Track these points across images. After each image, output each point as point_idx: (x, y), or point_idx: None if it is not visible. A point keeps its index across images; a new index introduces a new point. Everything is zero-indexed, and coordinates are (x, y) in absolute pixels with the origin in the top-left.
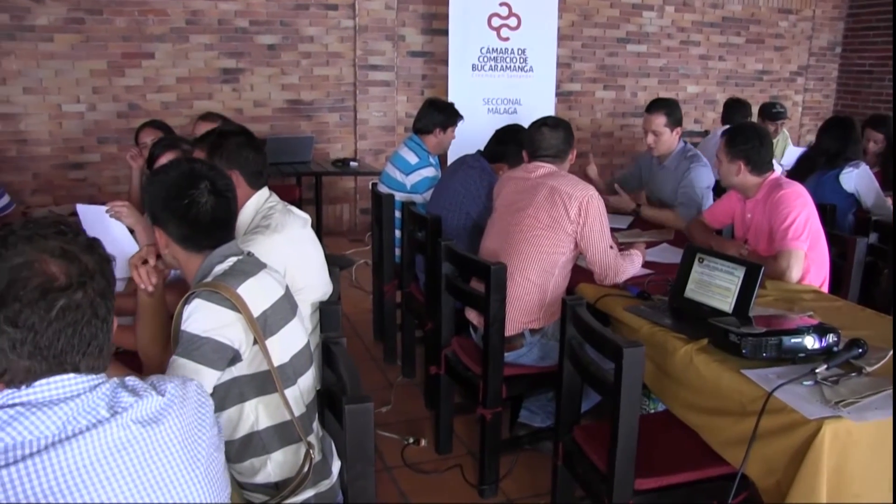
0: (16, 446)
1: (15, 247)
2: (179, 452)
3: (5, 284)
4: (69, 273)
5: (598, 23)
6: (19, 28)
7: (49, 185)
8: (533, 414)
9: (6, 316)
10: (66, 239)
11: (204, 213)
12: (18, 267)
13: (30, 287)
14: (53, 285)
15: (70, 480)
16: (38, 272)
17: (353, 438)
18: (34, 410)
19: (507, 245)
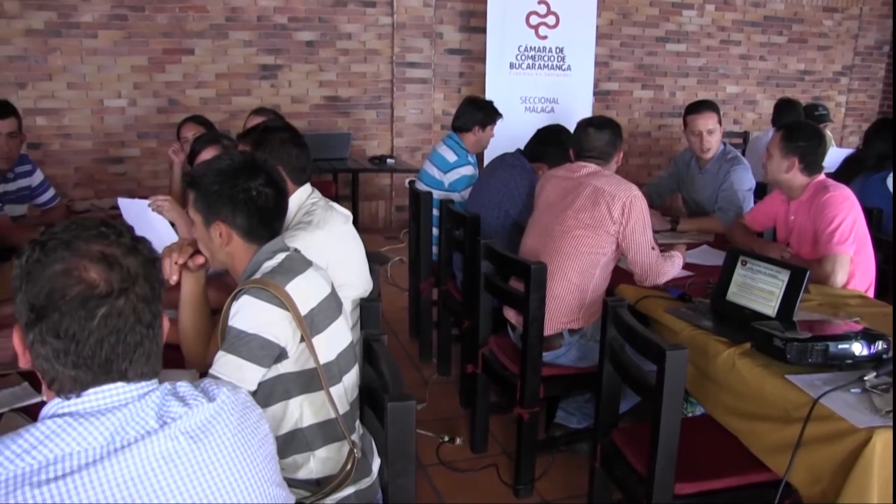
0: (64, 458)
1: (55, 252)
2: (230, 462)
3: (45, 294)
4: (110, 279)
5: (637, 21)
6: (65, 25)
7: (90, 179)
8: (569, 415)
9: (48, 326)
10: (107, 242)
11: (271, 201)
12: (58, 275)
13: (69, 296)
14: (94, 293)
15: (118, 494)
16: (78, 280)
17: (395, 437)
18: (82, 421)
19: (547, 244)
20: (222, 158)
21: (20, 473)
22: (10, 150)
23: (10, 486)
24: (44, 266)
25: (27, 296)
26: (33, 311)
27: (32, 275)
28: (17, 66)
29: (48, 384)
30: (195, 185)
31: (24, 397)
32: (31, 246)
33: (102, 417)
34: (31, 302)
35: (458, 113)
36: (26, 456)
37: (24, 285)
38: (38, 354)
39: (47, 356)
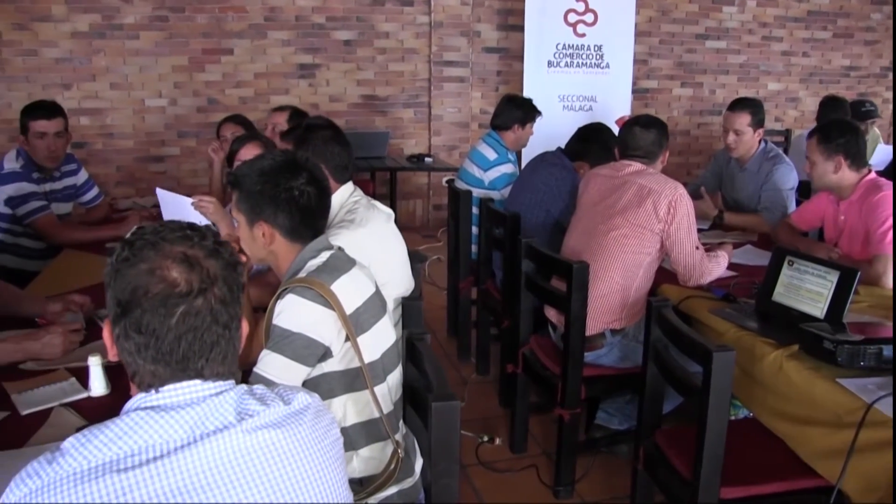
0: (147, 448)
1: (142, 252)
2: (305, 460)
3: (130, 290)
4: (190, 280)
5: (677, 18)
6: (109, 27)
7: (131, 178)
8: (610, 416)
9: (131, 321)
10: (190, 244)
11: (313, 201)
12: (142, 273)
13: (151, 293)
14: (174, 292)
15: (196, 482)
16: (161, 279)
17: (439, 436)
18: (163, 414)
19: (591, 243)
20: (265, 158)
21: (106, 461)
22: (58, 150)
23: (98, 472)
24: (131, 265)
25: (114, 292)
26: (119, 307)
27: (120, 272)
28: (62, 68)
29: (131, 377)
30: (238, 185)
31: (71, 392)
32: (120, 245)
33: (182, 411)
34: (118, 297)
35: (498, 111)
36: (112, 445)
37: (112, 282)
38: (122, 348)
39: (130, 350)
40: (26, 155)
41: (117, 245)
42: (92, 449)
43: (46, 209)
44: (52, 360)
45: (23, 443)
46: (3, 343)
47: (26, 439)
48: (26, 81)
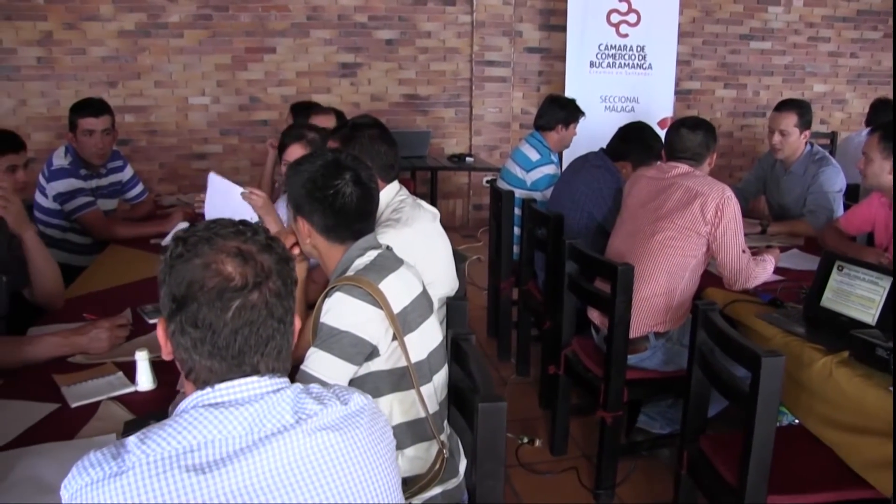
0: (207, 444)
1: (196, 247)
2: (363, 462)
3: (185, 285)
4: (245, 273)
5: (721, 19)
6: (154, 25)
7: (174, 175)
8: (652, 420)
9: (187, 316)
10: (244, 239)
11: (349, 203)
12: (198, 268)
13: (207, 287)
14: (229, 285)
15: (259, 486)
16: (216, 273)
17: (485, 438)
18: (222, 410)
19: (636, 246)
20: (312, 157)
21: (168, 455)
22: (105, 147)
23: (163, 465)
24: (185, 260)
25: (170, 287)
26: (174, 302)
27: (175, 268)
28: (108, 66)
29: (186, 374)
30: (288, 181)
31: (119, 386)
32: (174, 242)
33: (241, 408)
34: (173, 293)
35: (541, 111)
36: (171, 440)
37: (167, 278)
38: (178, 344)
39: (186, 346)
40: (74, 152)
41: (170, 242)
42: (153, 445)
43: (93, 205)
44: (99, 354)
45: (73, 434)
46: (53, 337)
47: (76, 431)
48: (74, 79)
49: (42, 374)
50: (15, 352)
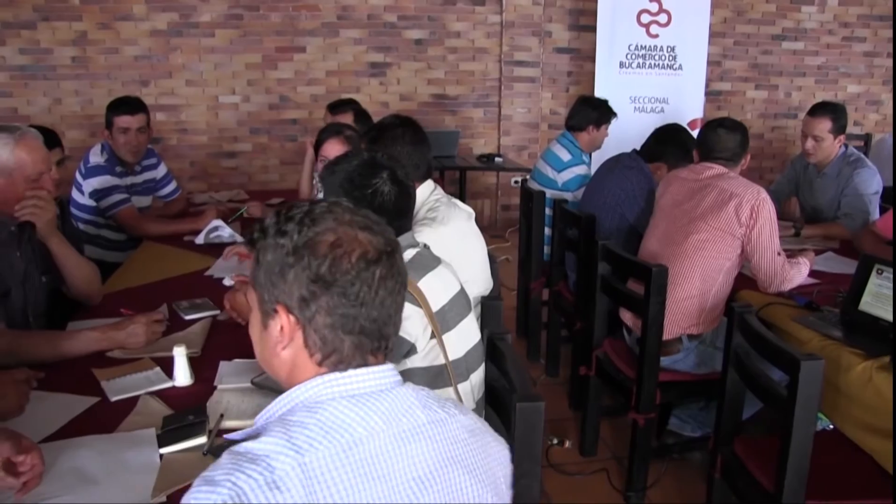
0: (357, 441)
1: (323, 221)
2: (497, 469)
3: (329, 262)
4: (376, 244)
5: (752, 19)
6: (185, 25)
7: (204, 173)
8: (683, 422)
9: (338, 292)
10: (355, 214)
11: (387, 201)
12: (335, 244)
13: (353, 259)
14: (369, 256)
15: (412, 491)
16: (354, 244)
17: (522, 438)
18: (361, 404)
19: (669, 247)
20: (348, 157)
21: (329, 454)
22: (139, 144)
23: (330, 466)
24: (315, 240)
25: (307, 270)
26: (316, 282)
27: (308, 247)
28: (141, 65)
29: (323, 358)
30: (323, 182)
31: (157, 381)
32: (286, 223)
33: (377, 401)
34: (315, 273)
35: (573, 112)
36: (323, 440)
37: (299, 261)
38: (318, 327)
39: (333, 325)
40: (110, 149)
41: (274, 225)
42: (306, 446)
43: (128, 202)
44: (136, 349)
45: (113, 428)
46: (91, 332)
47: (116, 424)
48: (107, 78)
49: (81, 368)
50: (55, 346)
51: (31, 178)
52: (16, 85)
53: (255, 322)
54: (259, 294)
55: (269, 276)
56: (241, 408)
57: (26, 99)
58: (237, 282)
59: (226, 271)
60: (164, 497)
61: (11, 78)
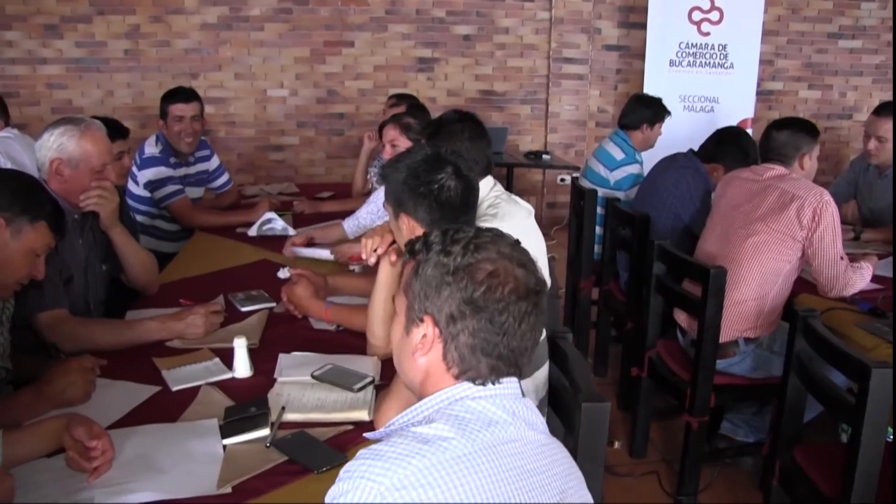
0: (507, 441)
1: (486, 250)
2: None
3: (483, 290)
4: (528, 281)
5: (808, 17)
6: (235, 18)
7: (251, 166)
8: (735, 427)
9: (486, 318)
10: (515, 251)
11: (454, 196)
12: (492, 274)
13: (505, 291)
14: (520, 292)
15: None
16: (510, 277)
17: (586, 438)
18: (491, 400)
19: (727, 249)
20: (412, 152)
21: (486, 444)
22: (195, 133)
23: (489, 450)
24: (476, 266)
25: (462, 292)
26: (468, 304)
27: (468, 271)
28: (191, 58)
29: (460, 373)
30: (385, 178)
31: (217, 372)
32: (451, 243)
33: (502, 400)
34: (469, 296)
35: (626, 110)
36: (484, 432)
37: (457, 281)
38: (459, 345)
39: (474, 347)
40: (165, 140)
41: (440, 243)
42: (471, 437)
43: (181, 193)
44: (194, 339)
45: (175, 417)
46: (152, 322)
47: (178, 414)
48: (158, 71)
49: (142, 356)
50: (118, 334)
51: (95, 169)
52: (71, 77)
53: (398, 326)
54: (409, 301)
55: (425, 288)
56: (302, 401)
57: (80, 91)
58: (294, 275)
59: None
60: (229, 488)
61: (67, 70)
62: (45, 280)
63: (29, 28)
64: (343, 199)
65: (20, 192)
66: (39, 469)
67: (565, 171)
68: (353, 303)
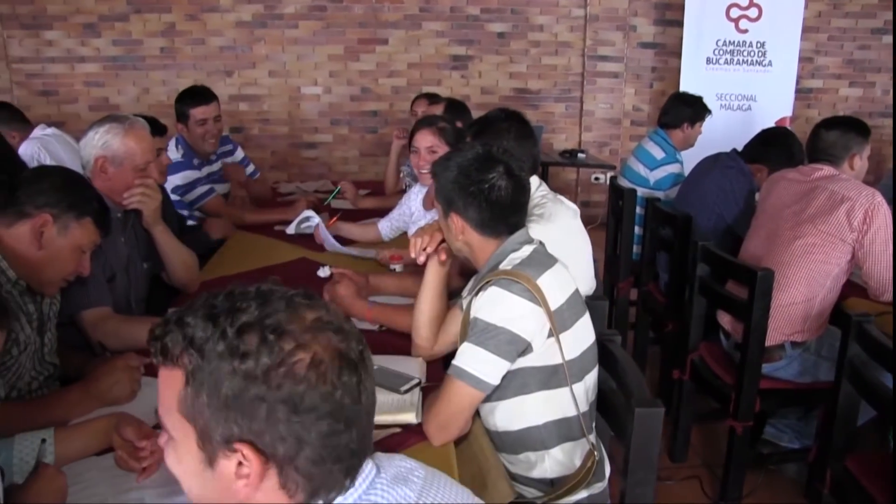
0: None
1: (288, 333)
2: None
3: (309, 385)
4: (349, 346)
5: (850, 12)
6: (270, 16)
7: (284, 163)
8: (780, 432)
9: (327, 419)
10: (314, 306)
11: (504, 196)
12: (314, 361)
13: (337, 374)
14: (349, 364)
15: None
16: (334, 354)
17: (639, 443)
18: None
19: (774, 251)
20: (462, 150)
21: None
22: (217, 134)
23: None
24: (289, 361)
25: (285, 403)
26: (299, 413)
27: (284, 373)
28: (226, 56)
29: (308, 496)
30: (435, 176)
31: None
32: (256, 341)
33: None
34: (297, 403)
35: (666, 108)
36: None
37: (273, 391)
38: (300, 466)
39: (322, 458)
40: (185, 143)
41: (218, 341)
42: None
43: (213, 192)
44: None
45: None
46: None
47: None
48: (193, 69)
49: None
50: None
51: (139, 167)
52: (108, 75)
53: (189, 458)
54: (197, 428)
55: (226, 409)
56: None
57: (117, 89)
58: (336, 274)
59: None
60: None
61: (104, 68)
62: (89, 278)
63: (68, 27)
64: (379, 197)
65: (66, 189)
66: (88, 467)
67: (600, 170)
68: (396, 302)
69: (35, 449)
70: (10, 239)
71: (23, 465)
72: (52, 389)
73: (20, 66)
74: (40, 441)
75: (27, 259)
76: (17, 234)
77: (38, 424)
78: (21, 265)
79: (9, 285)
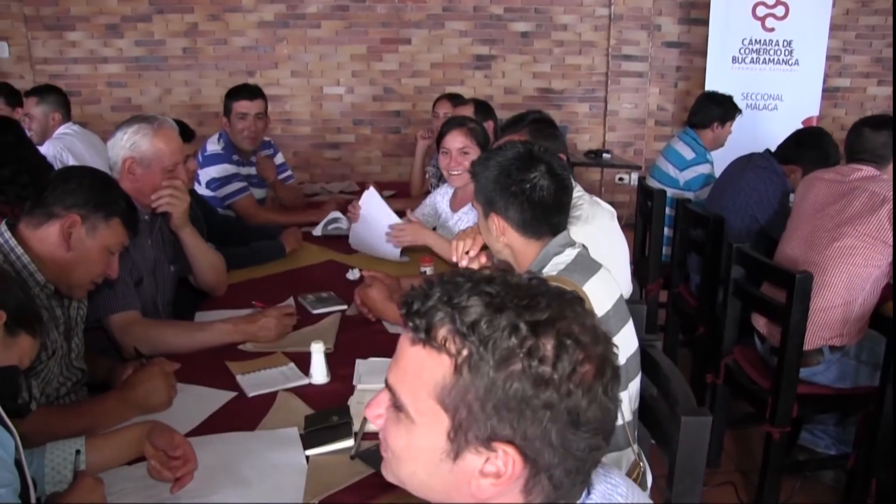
0: None
1: (579, 343)
2: None
3: (590, 398)
4: (611, 356)
5: (879, 9)
6: (292, 16)
7: (307, 163)
8: (816, 438)
9: (591, 429)
10: (588, 316)
11: (547, 196)
12: (599, 371)
13: (605, 387)
14: (610, 374)
15: None
16: (604, 362)
17: (685, 452)
18: None
19: (812, 253)
20: (503, 149)
21: None
22: (258, 131)
23: None
24: (579, 371)
25: (569, 414)
26: (575, 427)
27: (573, 381)
28: (248, 56)
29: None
30: (475, 176)
31: (293, 378)
32: (551, 342)
33: None
34: (577, 416)
35: (696, 108)
36: None
37: (562, 399)
38: (555, 476)
39: (578, 469)
40: (227, 138)
41: (512, 337)
42: None
43: (246, 191)
44: (267, 342)
45: (254, 425)
46: (224, 324)
47: (257, 421)
48: (215, 69)
49: (214, 360)
50: (190, 337)
51: (167, 169)
52: (130, 76)
53: (428, 445)
54: (455, 419)
55: (499, 409)
56: None
57: (139, 89)
58: (367, 277)
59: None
60: (316, 501)
61: (127, 69)
62: (116, 281)
63: (91, 28)
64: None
65: (94, 189)
66: (121, 477)
67: (625, 170)
68: None
69: (68, 459)
70: (38, 241)
71: (55, 475)
72: (81, 395)
73: (44, 66)
74: (75, 452)
75: (56, 261)
76: (45, 236)
77: (73, 430)
78: (50, 267)
79: (37, 289)
